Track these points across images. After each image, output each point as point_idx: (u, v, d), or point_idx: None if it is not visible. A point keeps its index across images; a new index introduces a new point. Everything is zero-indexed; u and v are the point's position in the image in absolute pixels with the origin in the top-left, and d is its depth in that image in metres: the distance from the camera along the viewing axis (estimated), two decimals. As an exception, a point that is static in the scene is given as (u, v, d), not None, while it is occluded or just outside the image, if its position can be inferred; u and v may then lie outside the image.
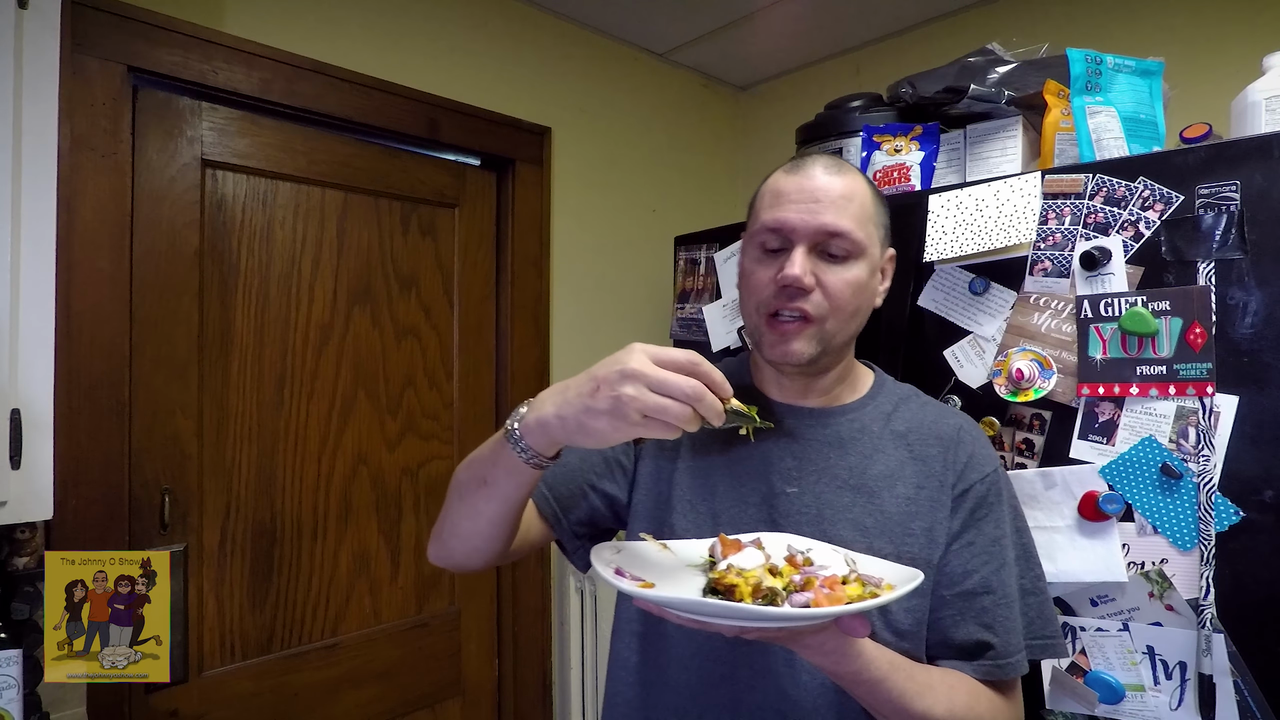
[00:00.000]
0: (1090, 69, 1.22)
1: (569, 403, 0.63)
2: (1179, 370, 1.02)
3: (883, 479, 0.79)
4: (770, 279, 0.76)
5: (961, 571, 0.76)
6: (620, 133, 2.13)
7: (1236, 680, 0.97)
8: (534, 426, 0.65)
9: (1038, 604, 0.79)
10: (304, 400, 1.56)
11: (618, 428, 0.61)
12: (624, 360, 0.61)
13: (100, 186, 1.27)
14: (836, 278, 0.76)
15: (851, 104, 1.57)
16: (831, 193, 0.75)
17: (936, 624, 0.76)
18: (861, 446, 0.81)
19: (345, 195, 1.62)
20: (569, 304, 2.01)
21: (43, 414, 0.95)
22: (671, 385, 0.59)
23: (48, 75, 0.96)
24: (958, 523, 0.77)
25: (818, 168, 0.77)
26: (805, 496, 0.78)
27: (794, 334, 0.76)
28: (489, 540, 0.76)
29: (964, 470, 0.79)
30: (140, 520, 1.34)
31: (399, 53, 1.67)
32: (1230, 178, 1.00)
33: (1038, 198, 1.16)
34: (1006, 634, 0.74)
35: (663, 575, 0.67)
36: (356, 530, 1.63)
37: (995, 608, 0.74)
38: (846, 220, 0.75)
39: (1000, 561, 0.76)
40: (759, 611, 0.56)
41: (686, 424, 0.60)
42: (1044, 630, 0.79)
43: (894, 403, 0.85)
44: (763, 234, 0.77)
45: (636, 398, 0.59)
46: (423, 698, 1.72)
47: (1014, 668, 0.74)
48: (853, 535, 0.76)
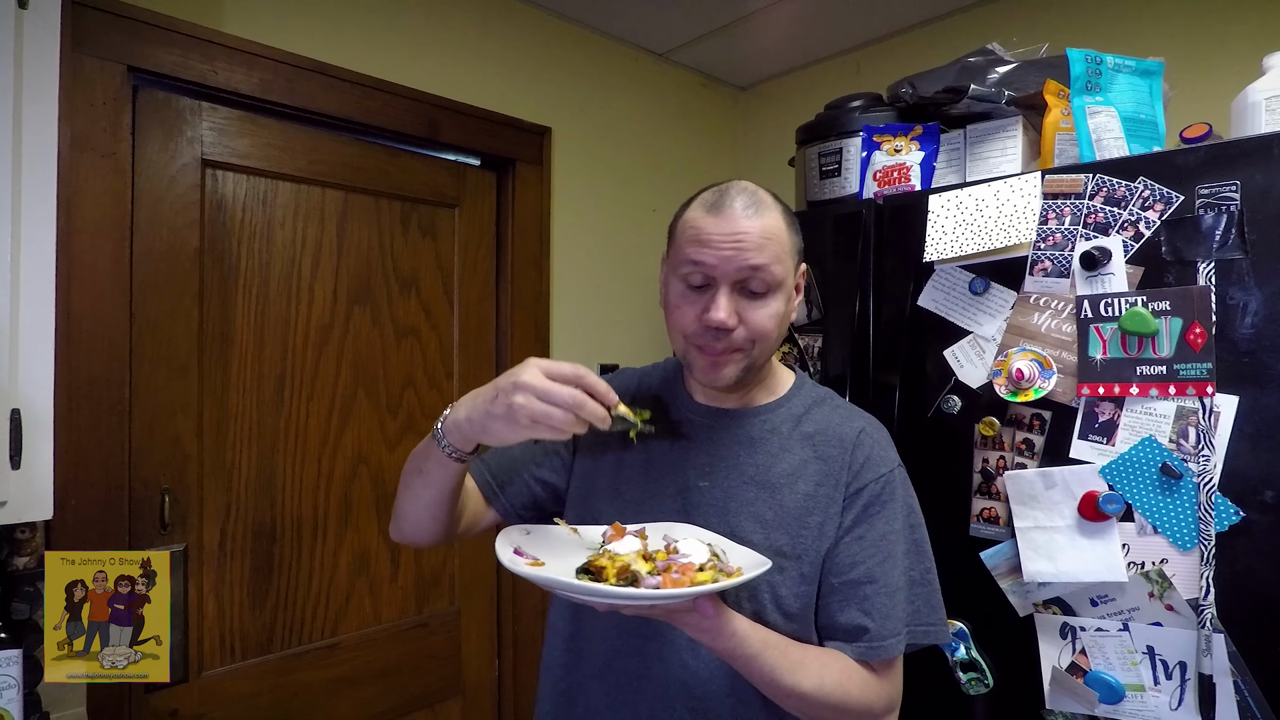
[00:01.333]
0: (1090, 69, 1.22)
1: (476, 408, 0.77)
2: (1179, 370, 1.02)
3: (785, 476, 0.86)
4: (695, 316, 0.82)
5: (849, 562, 0.83)
6: (620, 133, 2.13)
7: (1236, 680, 0.97)
8: (452, 427, 0.79)
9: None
10: (304, 400, 1.56)
11: (512, 430, 0.73)
12: (518, 373, 0.73)
13: (100, 186, 1.27)
14: (758, 314, 0.82)
15: (851, 104, 1.57)
16: (752, 235, 0.79)
17: (824, 608, 0.83)
18: (770, 446, 0.88)
19: (345, 195, 1.62)
20: (569, 304, 2.01)
21: (43, 414, 0.95)
22: (555, 395, 0.71)
23: (48, 75, 0.96)
24: (850, 517, 0.84)
25: (737, 207, 0.80)
26: (715, 490, 0.86)
27: (722, 363, 0.83)
28: (431, 520, 0.88)
29: (860, 470, 0.85)
30: (140, 520, 1.34)
31: (399, 53, 1.67)
32: (1230, 178, 1.00)
33: (1038, 198, 1.16)
34: (883, 620, 0.81)
35: (559, 556, 0.77)
36: (356, 530, 1.63)
37: (875, 596, 0.81)
38: (765, 258, 0.80)
39: (886, 555, 0.83)
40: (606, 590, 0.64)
41: (571, 427, 0.71)
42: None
43: (807, 406, 0.92)
44: (686, 268, 0.82)
45: (525, 405, 0.71)
46: (423, 698, 1.73)
47: (888, 650, 0.80)
48: (752, 526, 0.84)
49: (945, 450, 1.24)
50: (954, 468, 1.23)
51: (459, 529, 0.94)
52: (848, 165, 1.53)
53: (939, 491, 1.20)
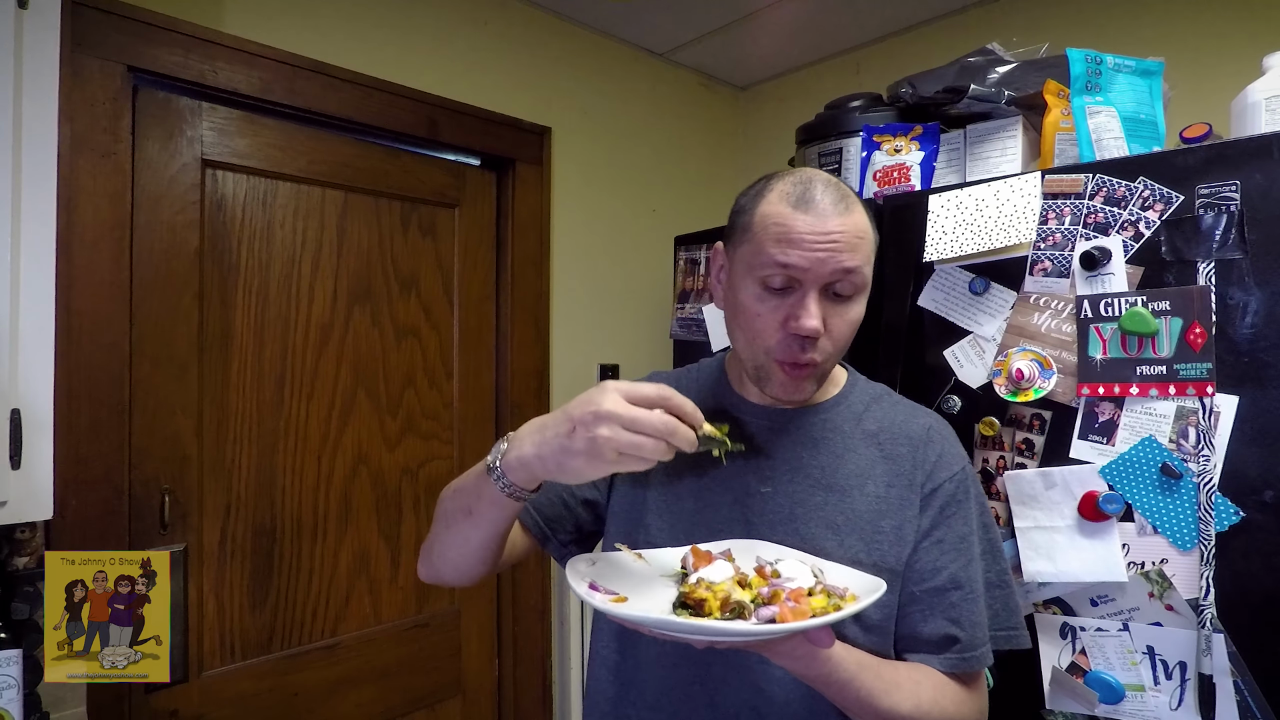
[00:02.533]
0: (1090, 69, 1.22)
1: (547, 442, 0.66)
2: (1179, 370, 1.02)
3: (853, 478, 0.80)
4: (778, 323, 0.75)
5: (931, 568, 0.77)
6: (620, 133, 2.13)
7: (1236, 680, 0.97)
8: (515, 464, 0.68)
9: (1003, 597, 0.81)
10: (304, 400, 1.56)
11: (595, 466, 0.64)
12: (598, 401, 0.63)
13: (100, 186, 1.27)
14: (842, 320, 0.76)
15: (851, 104, 1.57)
16: (847, 234, 0.73)
17: (906, 618, 0.78)
18: (833, 446, 0.82)
19: (345, 195, 1.62)
20: (569, 304, 2.01)
21: (43, 414, 0.95)
22: (644, 423, 0.62)
23: (48, 75, 0.96)
24: (927, 520, 0.79)
25: (826, 202, 0.74)
26: (778, 496, 0.80)
27: (804, 376, 0.77)
28: (476, 563, 0.80)
29: (933, 469, 0.80)
30: (140, 520, 1.34)
31: (399, 53, 1.67)
32: (1230, 178, 1.00)
33: (1038, 198, 1.16)
34: (973, 628, 0.76)
35: (636, 587, 0.69)
36: (356, 530, 1.63)
37: (963, 602, 0.76)
38: (858, 259, 0.74)
39: (968, 558, 0.78)
40: (726, 629, 0.58)
41: (661, 456, 0.63)
42: (1009, 622, 0.81)
43: (865, 403, 0.86)
44: (768, 269, 0.74)
45: (612, 438, 0.61)
46: (423, 698, 1.73)
47: (979, 660, 0.76)
48: (824, 533, 0.77)
49: (945, 450, 1.24)
50: (954, 468, 1.23)
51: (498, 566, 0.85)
52: (847, 165, 1.53)
53: (939, 491, 1.19)
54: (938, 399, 1.26)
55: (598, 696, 0.86)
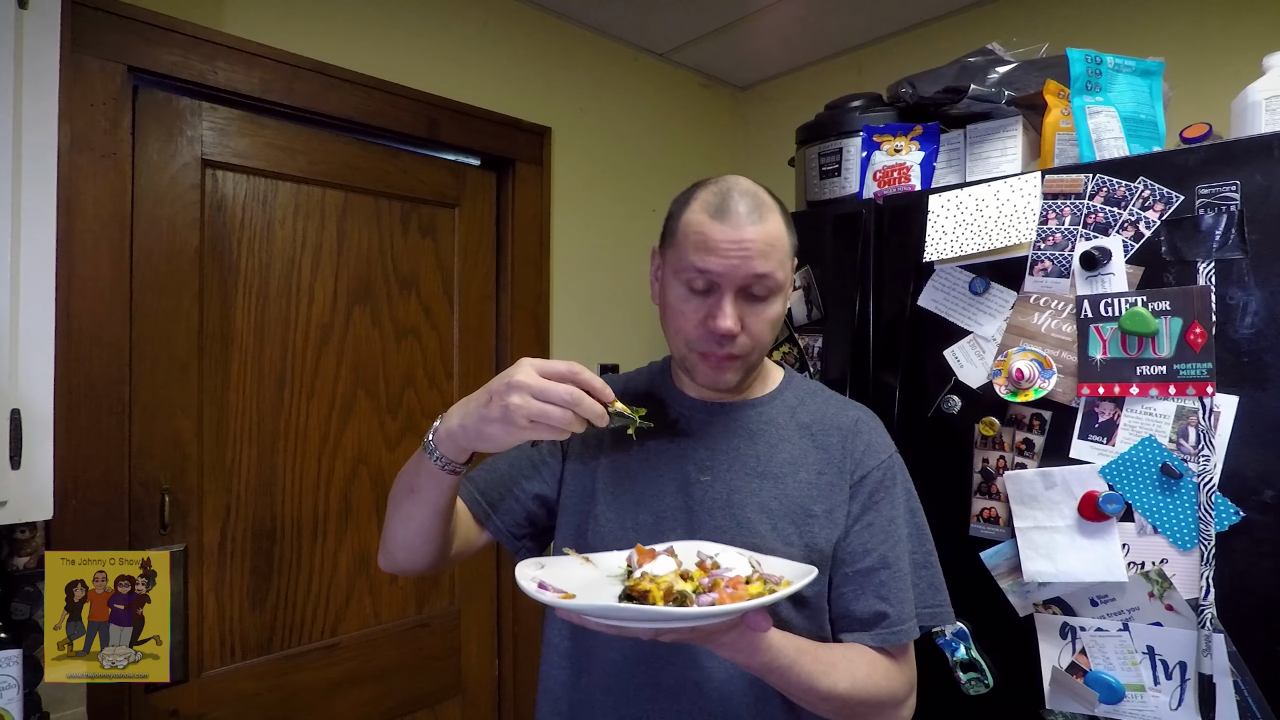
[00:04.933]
0: (1090, 69, 1.22)
1: (469, 413, 0.74)
2: (1179, 370, 1.02)
3: (787, 466, 0.86)
4: (699, 321, 0.82)
5: (861, 550, 0.83)
6: (620, 133, 2.13)
7: (1236, 680, 0.97)
8: (444, 437, 0.76)
9: (928, 576, 0.86)
10: (304, 400, 1.56)
11: (509, 432, 0.71)
12: (512, 373, 0.71)
13: (100, 186, 1.27)
14: (759, 319, 0.82)
15: (851, 104, 1.57)
16: (758, 242, 0.80)
17: (839, 599, 0.84)
18: (768, 437, 0.88)
19: (345, 195, 1.62)
20: (569, 304, 2.01)
21: (43, 414, 0.95)
22: (551, 393, 0.69)
23: (48, 75, 0.96)
24: (857, 506, 0.85)
25: (741, 212, 0.80)
26: (717, 484, 0.86)
27: (725, 368, 0.84)
28: (425, 543, 0.85)
29: (861, 458, 0.87)
30: (140, 520, 1.34)
31: (399, 53, 1.67)
32: (1230, 178, 1.00)
33: (1038, 198, 1.16)
34: (900, 604, 0.82)
35: (584, 587, 0.72)
36: (356, 530, 1.63)
37: (891, 581, 0.82)
38: (770, 265, 0.80)
39: (895, 539, 0.84)
40: (668, 612, 0.61)
41: (570, 425, 0.70)
42: (934, 600, 0.86)
43: (800, 398, 0.93)
44: (690, 273, 0.81)
45: (522, 405, 0.69)
46: (423, 698, 1.72)
47: (906, 634, 0.81)
48: (759, 517, 0.83)
49: (945, 450, 1.24)
50: (954, 468, 1.23)
51: (451, 553, 0.90)
52: (848, 165, 1.53)
53: (939, 491, 1.20)
54: (938, 399, 1.26)
55: (550, 682, 0.91)
